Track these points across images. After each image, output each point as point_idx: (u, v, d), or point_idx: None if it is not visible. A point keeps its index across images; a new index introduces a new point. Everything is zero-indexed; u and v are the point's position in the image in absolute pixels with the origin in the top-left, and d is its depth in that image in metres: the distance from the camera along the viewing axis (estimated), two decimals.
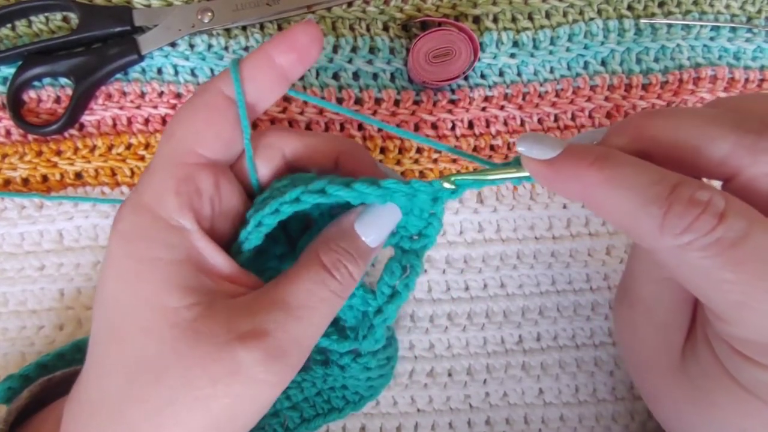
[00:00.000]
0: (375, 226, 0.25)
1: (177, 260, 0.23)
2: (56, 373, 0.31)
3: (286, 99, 0.38)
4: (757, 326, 0.20)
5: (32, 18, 0.39)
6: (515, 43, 0.39)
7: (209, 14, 0.37)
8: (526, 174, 0.23)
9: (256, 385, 0.22)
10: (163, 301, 0.23)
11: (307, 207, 0.24)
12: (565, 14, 0.39)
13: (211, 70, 0.38)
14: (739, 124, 0.21)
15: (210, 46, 0.38)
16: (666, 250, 0.20)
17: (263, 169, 0.27)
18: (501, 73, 0.38)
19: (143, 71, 0.38)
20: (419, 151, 0.38)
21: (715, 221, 0.19)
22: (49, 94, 0.38)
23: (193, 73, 0.38)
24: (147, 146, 0.37)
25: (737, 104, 0.23)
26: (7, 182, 0.37)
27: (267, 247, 0.28)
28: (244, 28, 0.38)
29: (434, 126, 0.38)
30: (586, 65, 0.39)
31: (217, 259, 0.24)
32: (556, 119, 0.38)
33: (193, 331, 0.22)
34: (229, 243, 0.26)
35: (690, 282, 0.21)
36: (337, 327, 0.29)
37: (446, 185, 0.24)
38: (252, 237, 0.25)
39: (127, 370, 0.23)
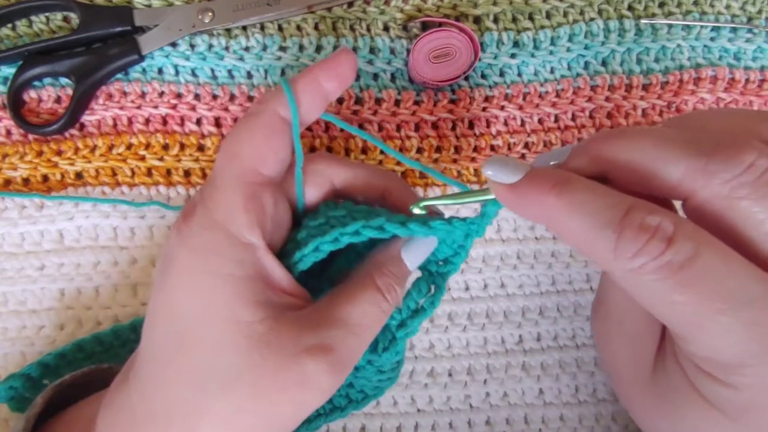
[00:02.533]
0: (417, 253, 0.28)
1: (248, 276, 0.24)
2: (65, 378, 0.31)
3: None
4: (710, 345, 0.21)
5: (33, 18, 0.39)
6: (516, 44, 0.39)
7: (210, 14, 0.37)
8: (494, 197, 0.25)
9: (319, 393, 0.24)
10: (237, 316, 0.24)
11: (363, 240, 0.26)
12: (565, 14, 0.39)
13: (212, 70, 0.38)
14: (691, 145, 0.21)
15: (210, 46, 0.38)
16: (621, 272, 0.21)
17: (310, 191, 0.29)
18: (501, 73, 0.38)
19: (144, 71, 0.38)
20: (419, 151, 0.38)
21: (663, 245, 0.20)
22: (49, 93, 0.38)
23: (193, 73, 0.38)
24: (147, 146, 0.37)
25: (693, 123, 0.24)
26: (8, 182, 0.37)
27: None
28: (244, 28, 0.38)
29: (435, 126, 0.38)
30: (586, 65, 0.39)
31: (279, 273, 0.26)
32: (557, 119, 0.38)
33: (265, 344, 0.24)
34: (276, 255, 0.27)
35: (646, 303, 0.22)
36: None
37: (416, 210, 0.27)
38: (307, 259, 0.26)
39: (196, 381, 0.24)
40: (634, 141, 0.22)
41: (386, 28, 0.39)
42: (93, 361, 0.34)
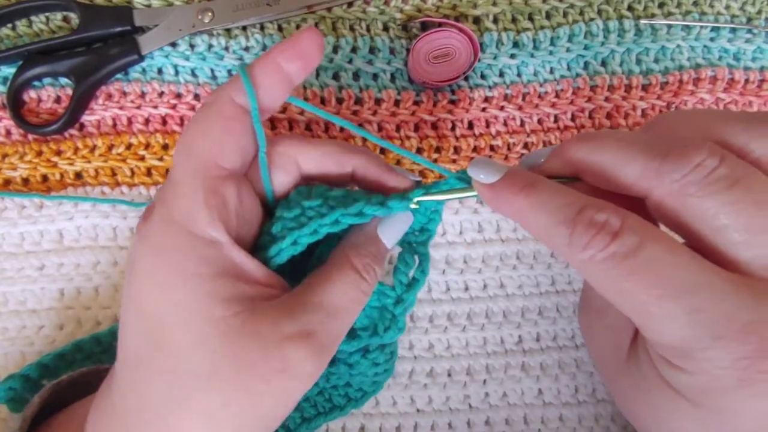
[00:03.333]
0: (394, 230, 0.28)
1: (216, 273, 0.24)
2: (63, 377, 0.31)
3: None
4: (659, 332, 0.23)
5: (33, 18, 0.39)
6: (515, 44, 0.39)
7: (209, 14, 0.37)
8: (476, 194, 0.27)
9: (303, 379, 0.24)
10: (210, 313, 0.23)
11: (343, 227, 0.26)
12: (565, 15, 0.39)
13: (212, 70, 0.38)
14: (648, 147, 0.23)
15: (210, 46, 0.38)
16: (577, 263, 0.23)
17: (278, 178, 0.28)
18: (501, 74, 0.38)
19: (143, 71, 0.38)
20: (419, 151, 0.38)
21: (608, 238, 0.22)
22: (49, 93, 0.38)
23: (193, 73, 0.38)
24: (147, 146, 0.37)
25: (660, 126, 0.25)
26: (7, 182, 0.37)
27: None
28: (244, 28, 0.38)
29: (434, 126, 0.38)
30: (586, 66, 0.39)
31: (251, 266, 0.25)
32: (556, 120, 0.38)
33: (242, 336, 0.23)
34: (250, 248, 0.27)
35: (602, 291, 0.24)
36: None
37: (412, 206, 0.27)
38: (284, 253, 0.26)
39: (175, 380, 0.23)
40: (600, 144, 0.24)
41: (386, 28, 0.39)
42: (92, 361, 0.34)
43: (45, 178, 0.38)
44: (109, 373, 0.27)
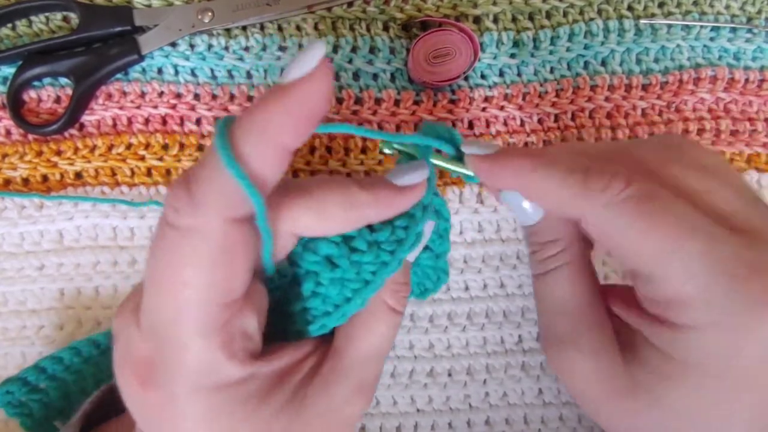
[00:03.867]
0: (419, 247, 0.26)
1: (261, 400, 0.21)
2: (86, 406, 0.29)
3: None
4: (675, 279, 0.23)
5: (32, 18, 0.39)
6: (515, 43, 0.39)
7: (209, 14, 0.37)
8: (462, 170, 0.27)
9: (361, 418, 0.26)
10: (272, 430, 0.22)
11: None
12: (565, 14, 0.39)
13: (211, 70, 0.38)
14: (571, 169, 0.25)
15: (210, 46, 0.38)
16: (595, 210, 0.24)
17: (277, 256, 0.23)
18: (501, 73, 0.38)
19: (143, 71, 0.38)
20: None
21: (624, 182, 0.23)
22: (49, 93, 0.38)
23: (193, 73, 0.38)
24: (147, 146, 0.37)
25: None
26: (7, 182, 0.37)
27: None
28: (244, 28, 0.38)
29: None
30: (586, 65, 0.39)
31: (284, 362, 0.22)
32: (557, 119, 0.38)
33: (305, 424, 0.22)
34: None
35: (616, 242, 0.24)
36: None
37: (386, 150, 0.26)
38: (355, 306, 0.24)
39: None
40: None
41: (386, 28, 0.39)
42: (90, 364, 0.34)
43: (45, 178, 0.38)
44: None
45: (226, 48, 0.38)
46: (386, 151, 0.27)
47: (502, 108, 0.38)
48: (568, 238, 0.27)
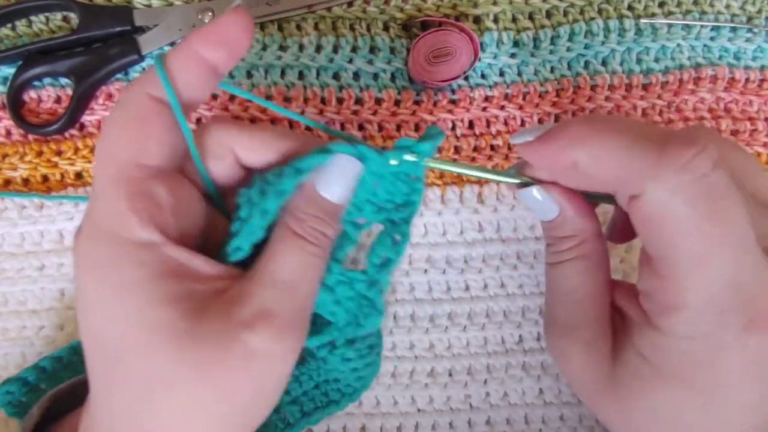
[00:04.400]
0: (336, 181, 0.25)
1: (156, 275, 0.23)
2: (62, 386, 0.31)
3: (287, 99, 0.38)
4: (696, 277, 0.22)
5: (32, 18, 0.39)
6: (516, 43, 0.39)
7: (209, 14, 0.37)
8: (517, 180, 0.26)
9: (273, 361, 0.23)
10: (156, 320, 0.22)
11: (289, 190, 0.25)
12: (565, 14, 0.39)
13: None
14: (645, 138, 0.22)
15: None
16: (654, 194, 0.21)
17: (216, 169, 0.26)
18: (501, 73, 0.38)
19: (144, 71, 0.38)
20: None
21: (710, 164, 0.20)
22: (49, 94, 0.38)
23: None
24: None
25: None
26: (8, 182, 0.37)
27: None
28: None
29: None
30: (586, 65, 0.39)
31: (196, 262, 0.24)
32: (557, 119, 0.38)
33: (196, 336, 0.22)
34: (199, 245, 0.25)
35: (658, 233, 0.22)
36: (313, 323, 0.28)
37: (408, 157, 0.25)
38: (242, 245, 0.25)
39: (137, 391, 0.23)
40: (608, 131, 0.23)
41: (386, 28, 0.39)
42: None
43: (45, 178, 0.38)
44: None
45: None
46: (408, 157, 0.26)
47: (502, 108, 0.38)
48: (586, 234, 0.27)
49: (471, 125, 0.38)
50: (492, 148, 0.38)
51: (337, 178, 0.25)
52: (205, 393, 0.22)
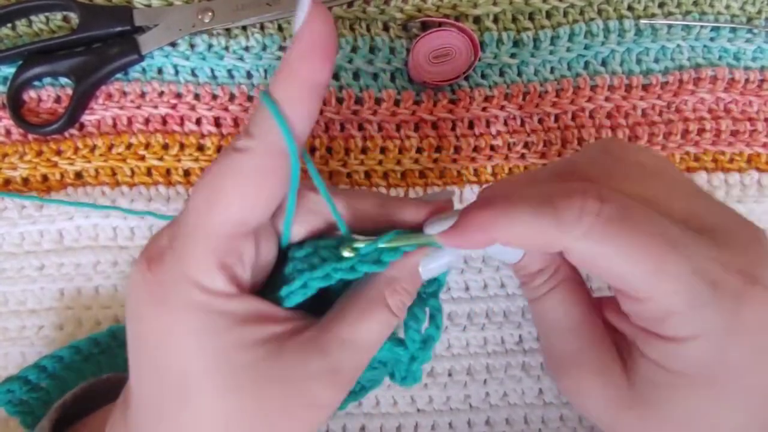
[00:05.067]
0: (437, 267, 0.26)
1: (237, 321, 0.23)
2: (67, 397, 0.31)
3: None
4: (663, 291, 0.22)
5: (32, 18, 0.39)
6: (516, 43, 0.39)
7: (209, 14, 0.37)
8: (423, 239, 0.26)
9: (326, 411, 0.24)
10: (238, 361, 0.23)
11: (359, 275, 0.25)
12: (565, 14, 0.39)
13: (212, 70, 0.38)
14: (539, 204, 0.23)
15: (210, 46, 0.38)
16: (576, 242, 0.22)
17: (300, 228, 0.25)
18: (501, 73, 0.38)
19: (143, 71, 0.38)
20: (419, 150, 0.38)
21: (598, 202, 0.22)
22: (49, 93, 0.38)
23: (193, 73, 0.38)
24: (147, 146, 0.37)
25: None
26: (7, 182, 0.37)
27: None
28: (244, 28, 0.38)
29: (434, 126, 0.38)
30: (586, 65, 0.39)
31: (267, 309, 0.24)
32: (557, 119, 0.38)
33: (271, 379, 0.23)
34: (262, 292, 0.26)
35: (600, 267, 0.23)
36: None
37: (345, 253, 0.25)
38: (294, 296, 0.25)
39: (210, 424, 0.23)
40: (514, 220, 0.24)
41: (386, 28, 0.39)
42: (90, 363, 0.34)
43: (45, 177, 0.38)
44: (119, 404, 0.26)
45: (226, 48, 0.38)
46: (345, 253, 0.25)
47: (502, 108, 0.38)
48: (555, 263, 0.27)
49: (471, 125, 0.38)
50: (492, 148, 0.38)
51: (441, 265, 0.26)
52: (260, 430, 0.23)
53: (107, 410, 0.29)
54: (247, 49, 0.38)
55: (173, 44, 0.38)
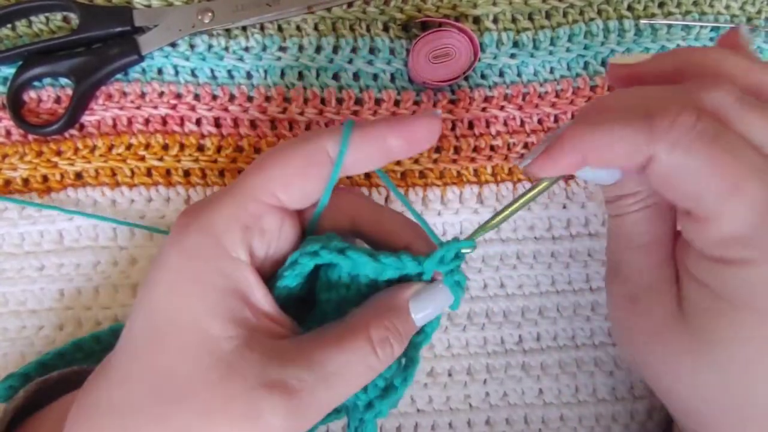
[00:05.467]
0: (429, 306, 0.26)
1: (228, 289, 0.24)
2: (53, 374, 0.31)
3: (287, 99, 0.38)
4: (734, 213, 0.22)
5: (32, 18, 0.39)
6: (515, 44, 0.39)
7: (209, 14, 0.37)
8: (526, 198, 0.26)
9: (266, 430, 0.23)
10: (207, 327, 0.23)
11: (350, 262, 0.25)
12: (565, 14, 0.39)
13: (212, 71, 0.38)
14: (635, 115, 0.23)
15: (210, 47, 0.38)
16: (665, 151, 0.22)
17: (328, 228, 0.27)
18: (501, 74, 0.38)
19: (143, 71, 0.38)
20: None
21: (694, 117, 0.22)
22: (49, 94, 0.38)
23: (193, 74, 0.38)
24: (147, 146, 0.37)
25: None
26: (8, 182, 0.37)
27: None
28: (244, 28, 0.38)
29: None
30: (586, 66, 0.39)
31: (259, 294, 0.25)
32: (556, 120, 0.38)
33: (227, 365, 0.23)
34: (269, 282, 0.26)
35: (678, 182, 0.23)
36: None
37: (465, 250, 0.25)
38: (287, 275, 0.25)
39: (154, 382, 0.23)
40: (604, 130, 0.24)
41: (386, 28, 0.39)
42: (92, 360, 0.34)
43: (45, 178, 0.38)
44: (96, 369, 0.26)
45: (226, 48, 0.38)
46: (464, 250, 0.26)
47: (502, 108, 0.38)
48: (649, 189, 0.27)
49: (471, 125, 0.38)
50: (492, 148, 0.38)
51: (434, 305, 0.26)
52: (199, 424, 0.22)
53: (68, 399, 0.29)
54: (247, 49, 0.38)
55: (173, 45, 0.38)
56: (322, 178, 0.26)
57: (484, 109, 0.38)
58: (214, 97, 0.38)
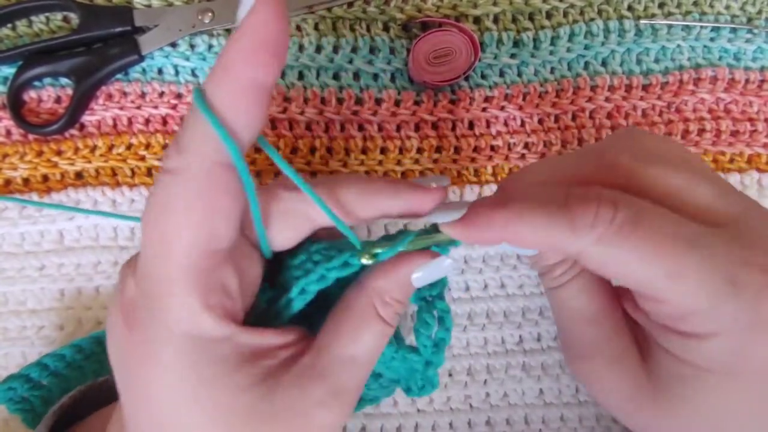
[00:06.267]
0: (430, 278, 0.26)
1: (234, 366, 0.22)
2: (64, 400, 0.31)
3: (287, 99, 0.38)
4: (683, 292, 0.22)
5: (33, 18, 0.39)
6: (516, 44, 0.39)
7: (210, 14, 0.37)
8: (443, 238, 0.25)
9: (337, 429, 0.24)
10: (237, 406, 0.22)
11: (355, 270, 0.25)
12: (565, 14, 0.39)
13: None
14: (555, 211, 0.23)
15: (210, 47, 0.38)
16: (588, 248, 0.22)
17: (286, 234, 0.24)
18: (501, 74, 0.38)
19: (144, 71, 0.38)
20: (419, 151, 0.38)
21: (612, 209, 0.22)
22: (49, 94, 0.38)
23: (193, 74, 0.38)
24: (147, 146, 0.37)
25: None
26: (8, 182, 0.37)
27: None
28: None
29: (434, 126, 0.38)
30: (586, 66, 0.39)
31: (263, 339, 0.23)
32: (557, 120, 0.38)
33: (273, 415, 0.22)
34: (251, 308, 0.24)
35: (616, 271, 0.23)
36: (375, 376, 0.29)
37: (364, 261, 0.25)
38: (295, 304, 0.25)
39: None
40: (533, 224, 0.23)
41: (386, 28, 0.39)
42: (92, 361, 0.34)
43: (45, 178, 0.38)
44: (114, 421, 0.25)
45: None
46: (364, 261, 0.25)
47: (502, 108, 0.38)
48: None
49: (471, 125, 0.38)
50: (492, 148, 0.38)
51: (433, 276, 0.26)
52: None
53: (106, 412, 0.29)
54: None
55: (173, 44, 0.38)
56: (236, 187, 0.20)
57: (484, 109, 0.38)
58: None
